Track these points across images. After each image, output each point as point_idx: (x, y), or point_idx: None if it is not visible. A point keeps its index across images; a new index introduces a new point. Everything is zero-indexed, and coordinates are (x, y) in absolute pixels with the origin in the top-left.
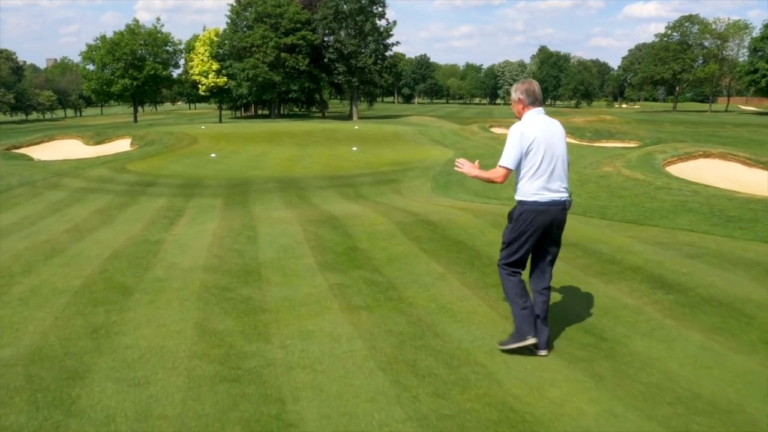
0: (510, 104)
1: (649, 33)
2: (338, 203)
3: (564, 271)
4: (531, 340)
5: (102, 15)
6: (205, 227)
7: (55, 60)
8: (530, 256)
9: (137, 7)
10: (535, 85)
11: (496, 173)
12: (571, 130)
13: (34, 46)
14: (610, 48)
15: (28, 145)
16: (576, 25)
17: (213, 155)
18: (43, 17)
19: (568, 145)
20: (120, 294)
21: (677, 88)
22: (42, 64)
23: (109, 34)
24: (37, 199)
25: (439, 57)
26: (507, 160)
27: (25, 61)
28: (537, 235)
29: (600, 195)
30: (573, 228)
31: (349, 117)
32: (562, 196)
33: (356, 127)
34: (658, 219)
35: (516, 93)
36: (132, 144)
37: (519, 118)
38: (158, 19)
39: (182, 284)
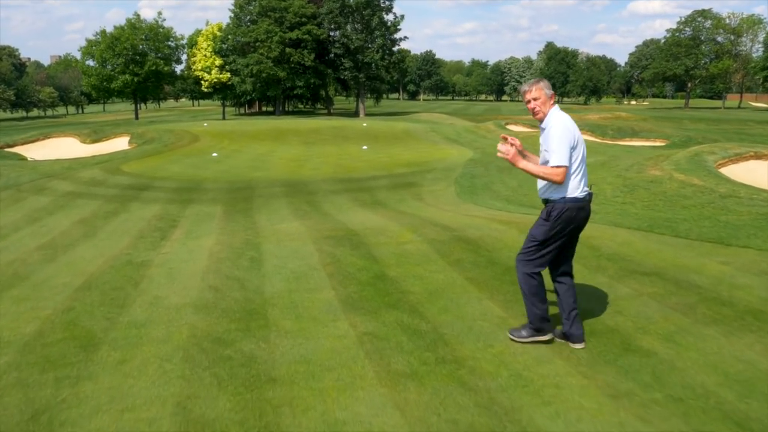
0: (520, 100)
1: (654, 29)
2: (354, 212)
3: (664, 316)
4: (548, 336)
5: (107, 12)
6: (201, 243)
7: (60, 57)
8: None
9: (141, 4)
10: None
11: (554, 173)
12: (591, 128)
13: (39, 43)
14: (615, 44)
15: (23, 144)
16: (580, 21)
17: (214, 154)
18: (49, 14)
19: (591, 143)
20: (82, 349)
21: (689, 85)
22: (47, 62)
23: (111, 30)
24: (18, 205)
25: (443, 53)
26: (564, 158)
27: (29, 58)
28: (573, 231)
29: (658, 204)
30: (646, 249)
31: (355, 114)
32: (590, 190)
33: (365, 125)
34: (745, 238)
35: (547, 89)
36: (130, 142)
37: (534, 115)
38: (159, 13)
39: (165, 333)
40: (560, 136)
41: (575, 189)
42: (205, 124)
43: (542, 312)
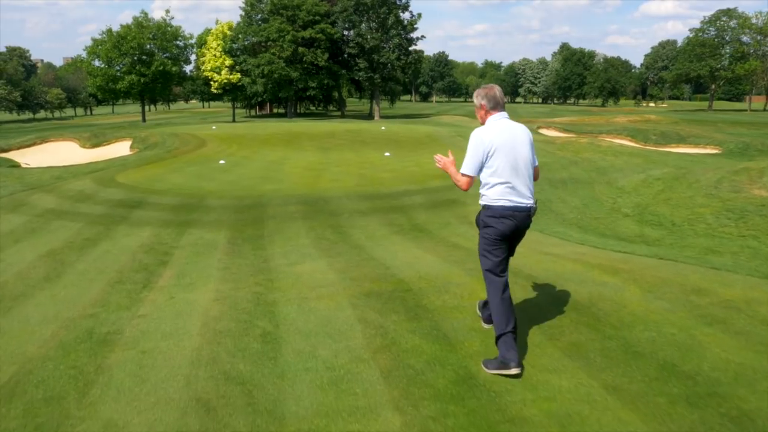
0: (535, 102)
1: (666, 31)
2: (393, 244)
3: None
4: (515, 370)
5: (120, 13)
6: (195, 298)
7: (71, 59)
8: None
9: (154, 6)
10: (497, 90)
11: (459, 180)
12: (631, 133)
13: (53, 45)
14: (626, 46)
15: (18, 148)
16: (592, 23)
17: (222, 162)
18: (62, 16)
19: (634, 150)
20: None
21: (713, 86)
22: (60, 64)
23: (118, 29)
24: None
25: (455, 55)
26: (467, 167)
27: (42, 60)
28: (508, 237)
29: None
30: None
31: (369, 116)
32: (527, 202)
33: (383, 128)
34: None
35: (477, 98)
36: (131, 147)
37: (482, 123)
38: (167, 12)
39: None
40: (469, 146)
41: (496, 198)
42: (214, 127)
43: (509, 339)
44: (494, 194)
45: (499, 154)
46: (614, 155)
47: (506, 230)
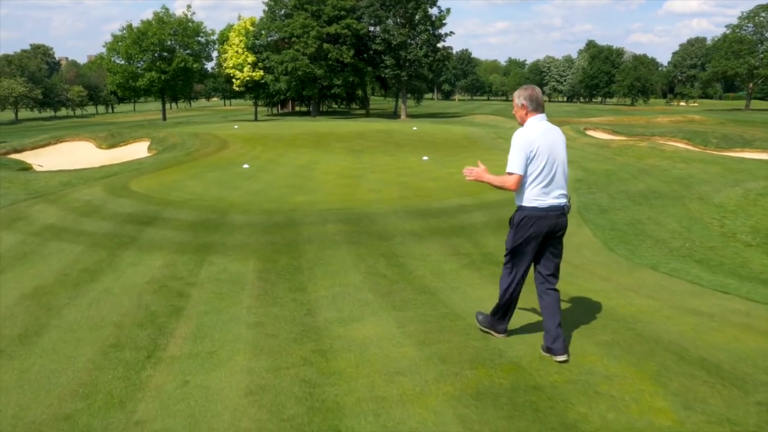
0: (561, 101)
1: (691, 29)
2: (473, 288)
3: None
4: (500, 336)
5: (143, 12)
6: (218, 387)
7: (95, 57)
8: (534, 261)
9: (177, 5)
10: (538, 92)
11: (507, 181)
12: (687, 135)
13: (78, 43)
14: (650, 44)
15: (32, 149)
16: (615, 21)
17: (245, 166)
18: (87, 15)
19: (695, 154)
20: None
21: (750, 85)
22: (84, 62)
23: (138, 25)
24: None
25: (476, 53)
26: (515, 166)
27: (66, 58)
28: (538, 240)
29: None
30: None
31: (394, 115)
32: (561, 201)
33: (414, 128)
34: None
35: (519, 99)
36: (150, 148)
37: (521, 124)
38: (189, 7)
39: None
40: (514, 145)
41: (532, 199)
42: (236, 126)
43: (504, 313)
44: (532, 195)
45: (540, 155)
46: (684, 162)
47: (540, 230)
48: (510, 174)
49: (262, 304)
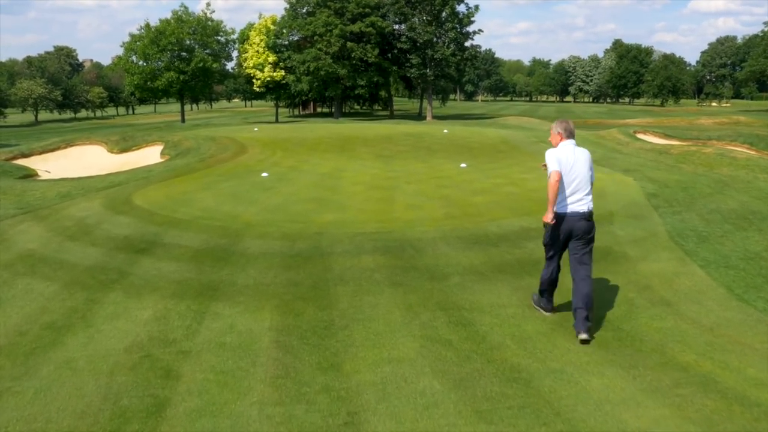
0: (587, 101)
1: (717, 28)
2: (587, 373)
3: None
4: (546, 313)
5: (166, 14)
6: None
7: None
8: (568, 252)
9: (198, 7)
10: (571, 124)
11: (551, 180)
12: (748, 139)
13: (103, 45)
14: (675, 43)
15: (41, 153)
16: (639, 20)
17: (264, 174)
18: (112, 18)
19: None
20: None
21: None
22: (108, 64)
23: (156, 24)
24: None
25: (497, 53)
26: (554, 165)
27: (91, 60)
28: (563, 237)
29: None
30: None
31: (419, 116)
32: (582, 208)
33: (445, 131)
34: None
35: (556, 128)
36: (162, 153)
37: (554, 145)
38: (208, 5)
39: None
40: (548, 159)
41: (560, 206)
42: (255, 129)
43: (546, 295)
44: (560, 199)
45: (565, 171)
46: (765, 172)
47: (565, 229)
48: (553, 172)
49: (281, 396)
